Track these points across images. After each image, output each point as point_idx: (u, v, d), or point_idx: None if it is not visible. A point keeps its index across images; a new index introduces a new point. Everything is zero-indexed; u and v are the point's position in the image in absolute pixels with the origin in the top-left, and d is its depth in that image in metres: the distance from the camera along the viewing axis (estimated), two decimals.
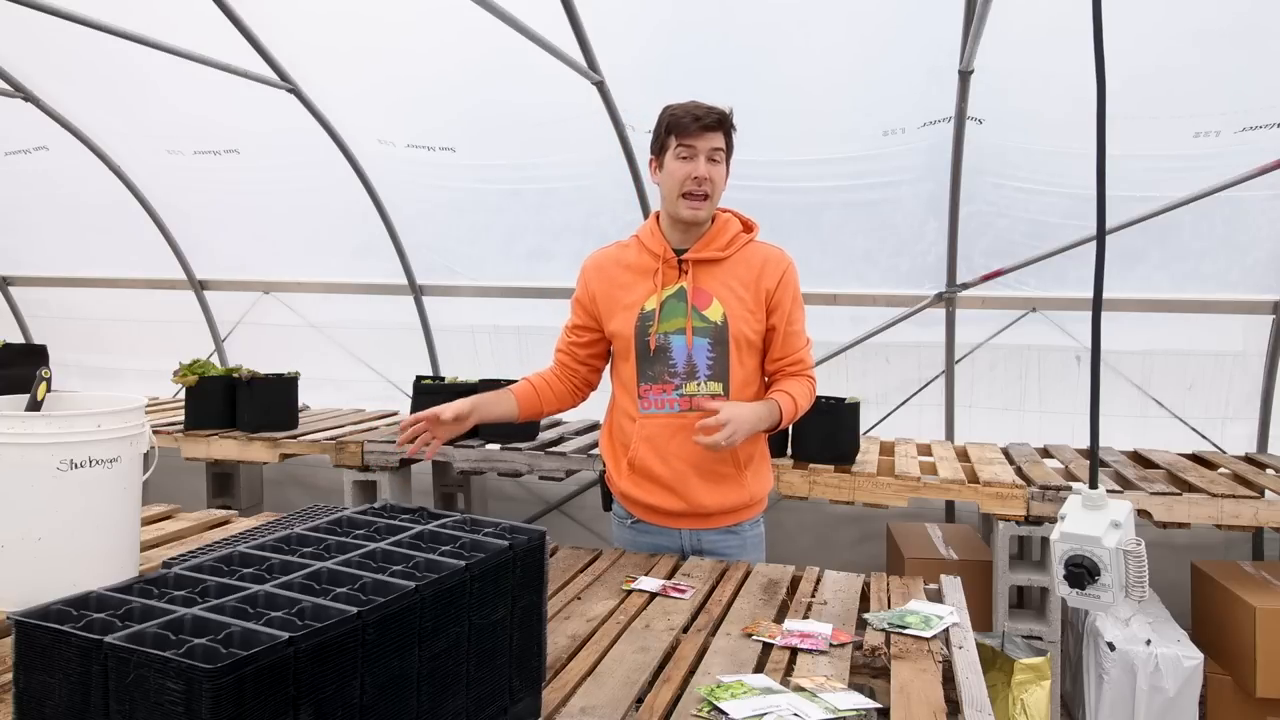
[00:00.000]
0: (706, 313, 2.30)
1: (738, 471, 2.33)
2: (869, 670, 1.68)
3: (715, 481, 2.32)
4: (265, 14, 4.04)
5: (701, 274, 2.31)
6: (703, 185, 2.25)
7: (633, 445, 2.34)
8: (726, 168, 2.31)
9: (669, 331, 2.29)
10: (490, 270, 5.09)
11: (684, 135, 2.24)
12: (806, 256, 4.56)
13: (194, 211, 5.36)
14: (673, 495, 2.33)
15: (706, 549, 2.36)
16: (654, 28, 3.91)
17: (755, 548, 2.42)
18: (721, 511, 2.35)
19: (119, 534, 1.76)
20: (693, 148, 2.24)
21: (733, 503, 2.35)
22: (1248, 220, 4.05)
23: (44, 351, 4.15)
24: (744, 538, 2.39)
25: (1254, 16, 3.41)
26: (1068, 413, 4.45)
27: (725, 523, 2.37)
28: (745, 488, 2.35)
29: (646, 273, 2.34)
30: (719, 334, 2.29)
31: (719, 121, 2.26)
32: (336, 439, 4.17)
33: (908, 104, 3.92)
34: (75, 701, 0.96)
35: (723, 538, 2.37)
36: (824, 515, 4.67)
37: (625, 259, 2.39)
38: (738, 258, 2.33)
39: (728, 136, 2.28)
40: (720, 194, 2.32)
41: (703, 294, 2.30)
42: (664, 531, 2.38)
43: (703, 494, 2.32)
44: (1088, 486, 1.61)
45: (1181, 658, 3.35)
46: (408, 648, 1.10)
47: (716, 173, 2.27)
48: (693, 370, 2.29)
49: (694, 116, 2.24)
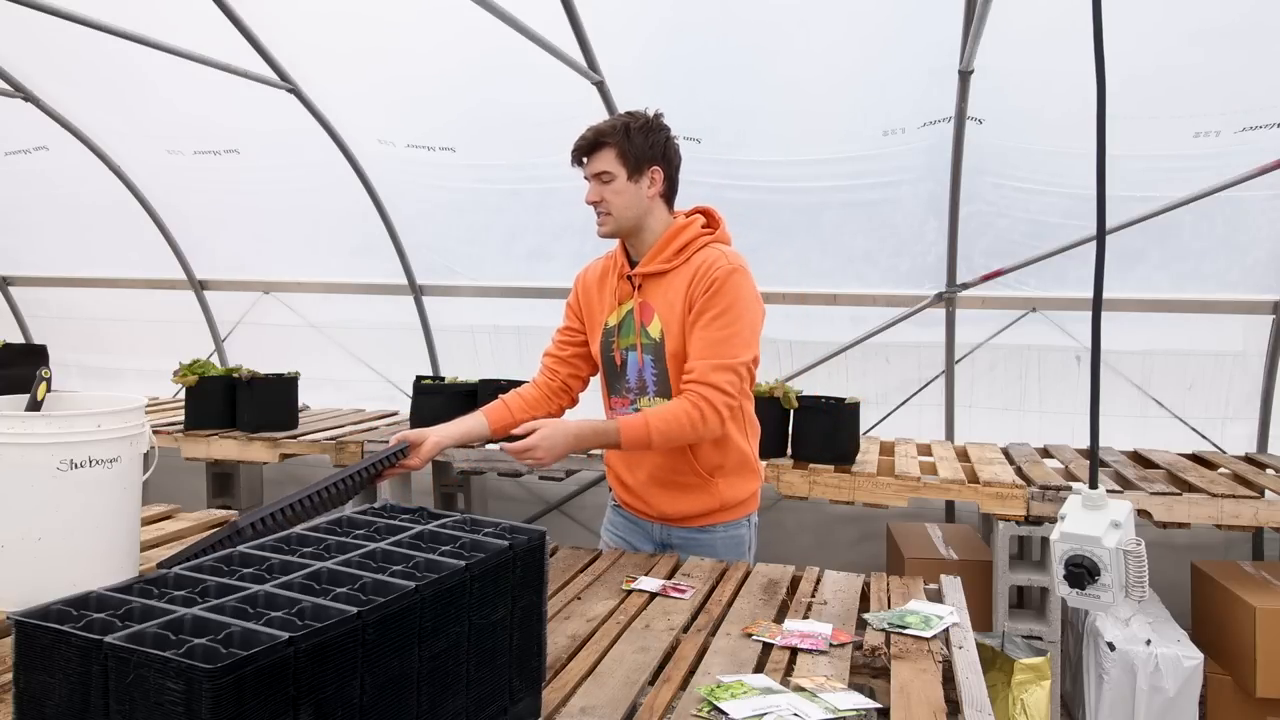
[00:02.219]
0: (650, 328, 2.30)
1: (703, 480, 2.33)
2: (869, 670, 1.68)
3: (679, 490, 2.35)
4: (265, 14, 4.04)
5: (649, 288, 2.32)
6: (596, 208, 2.29)
7: (608, 452, 2.45)
8: (637, 173, 2.26)
9: (626, 348, 2.34)
10: (490, 270, 5.09)
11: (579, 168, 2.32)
12: (807, 256, 4.62)
13: (194, 211, 5.36)
14: (641, 501, 2.41)
15: (675, 544, 2.39)
16: (654, 28, 3.91)
17: (729, 549, 2.39)
18: (689, 516, 2.37)
19: (119, 534, 1.76)
20: (586, 178, 2.30)
21: (699, 509, 2.36)
22: (1248, 220, 4.05)
23: (44, 351, 4.16)
24: (714, 538, 2.39)
25: (1254, 16, 3.41)
26: (1068, 413, 4.45)
27: (696, 524, 2.38)
28: (715, 495, 2.35)
29: (613, 289, 2.38)
30: (658, 350, 2.29)
31: (591, 145, 2.27)
32: (336, 439, 4.17)
33: (908, 104, 3.92)
34: (75, 701, 0.96)
35: (693, 534, 2.39)
36: (824, 515, 4.67)
37: (605, 272, 2.44)
38: (685, 268, 2.28)
39: (618, 148, 2.25)
40: (626, 205, 2.28)
41: (647, 309, 2.32)
42: (640, 521, 2.45)
43: (665, 502, 2.37)
44: (1088, 486, 1.61)
45: (1181, 658, 3.35)
46: (408, 648, 1.10)
47: (608, 192, 2.27)
48: (643, 386, 2.33)
49: (574, 147, 2.29)
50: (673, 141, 2.35)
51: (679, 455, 2.30)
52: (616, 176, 2.26)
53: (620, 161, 2.26)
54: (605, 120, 2.33)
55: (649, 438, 2.18)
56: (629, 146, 2.26)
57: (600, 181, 2.27)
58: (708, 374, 2.19)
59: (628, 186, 2.27)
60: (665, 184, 2.32)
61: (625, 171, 2.26)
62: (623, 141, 2.26)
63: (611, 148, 2.26)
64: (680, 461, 2.30)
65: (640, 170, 2.27)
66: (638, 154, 2.27)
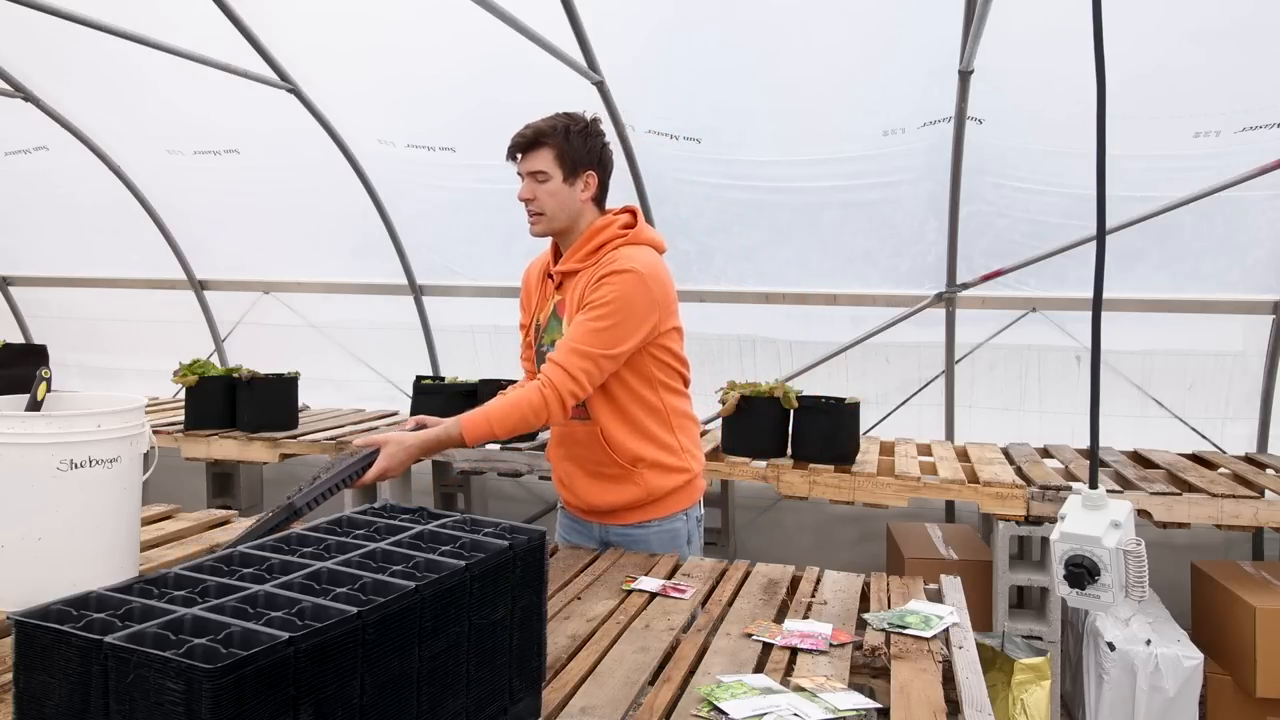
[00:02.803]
0: (566, 325, 2.31)
1: (625, 471, 2.33)
2: (869, 670, 1.68)
3: (605, 481, 2.35)
4: (265, 14, 4.04)
5: (568, 286, 2.35)
6: (528, 206, 2.30)
7: (549, 449, 2.49)
8: (572, 174, 2.27)
9: (550, 343, 2.36)
10: (490, 270, 5.08)
11: (513, 164, 2.32)
12: (806, 256, 4.62)
13: (194, 211, 5.36)
14: (571, 494, 2.44)
15: (614, 540, 2.41)
16: (654, 28, 3.91)
17: (663, 544, 2.38)
18: (618, 508, 2.38)
19: (119, 534, 1.76)
20: (520, 175, 2.31)
21: (628, 500, 2.36)
22: (1248, 220, 4.04)
23: (44, 351, 4.15)
24: (648, 534, 2.39)
25: (1254, 16, 3.41)
26: (1068, 413, 4.45)
27: (627, 520, 2.39)
28: (640, 485, 2.34)
29: (541, 285, 2.44)
30: None
31: (528, 143, 2.27)
32: (336, 439, 4.18)
33: (908, 104, 3.92)
34: (75, 701, 0.96)
35: (628, 531, 2.39)
36: (824, 515, 4.67)
37: (540, 271, 2.48)
38: (597, 267, 2.28)
39: (557, 149, 2.25)
40: (559, 207, 2.29)
41: (565, 306, 2.34)
42: (582, 522, 2.47)
43: (593, 494, 2.38)
44: (1088, 486, 1.61)
45: (1181, 658, 3.35)
46: (408, 648, 1.10)
47: (542, 191, 2.27)
48: None
49: (511, 142, 2.29)
50: (609, 148, 2.36)
51: (597, 445, 2.32)
52: (552, 177, 2.27)
53: (557, 163, 2.27)
54: (544, 119, 2.31)
55: (490, 428, 2.17)
56: (567, 149, 2.27)
57: (535, 180, 2.28)
58: (562, 356, 2.19)
59: (562, 188, 2.28)
60: (598, 189, 2.34)
61: (561, 173, 2.27)
62: (562, 143, 2.26)
63: (550, 148, 2.26)
64: (599, 452, 2.32)
65: (576, 173, 2.28)
66: (575, 157, 2.27)
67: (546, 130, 2.26)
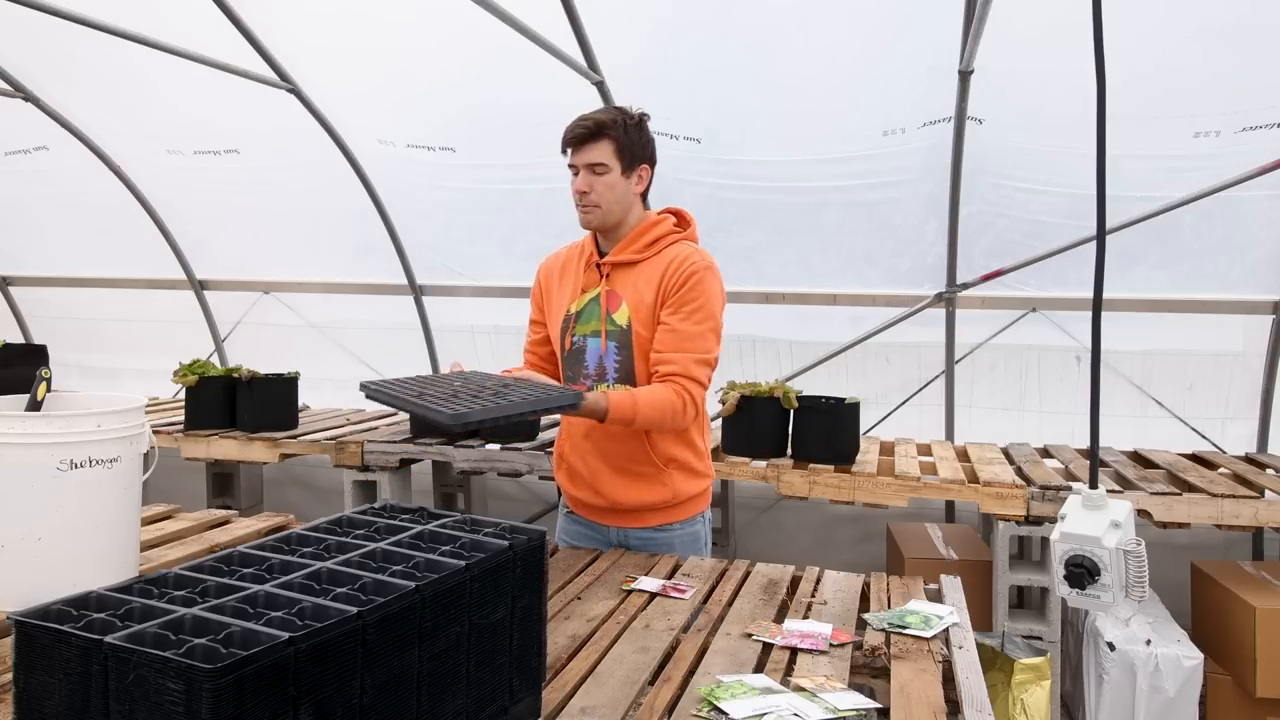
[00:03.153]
0: (615, 316, 2.31)
1: (657, 470, 2.33)
2: (869, 670, 1.68)
3: (632, 479, 2.33)
4: (265, 14, 4.04)
5: (618, 277, 2.33)
6: (584, 199, 2.28)
7: (560, 441, 2.44)
8: (630, 168, 2.28)
9: (585, 334, 2.34)
10: (490, 270, 5.09)
11: (566, 154, 2.29)
12: (806, 256, 4.62)
13: (194, 211, 5.36)
14: (592, 491, 2.38)
15: (633, 544, 2.38)
16: (654, 27, 3.91)
17: (686, 546, 2.39)
18: (642, 509, 2.36)
19: (119, 534, 1.76)
20: (575, 166, 2.28)
21: (652, 501, 2.35)
22: (1248, 220, 4.04)
23: (44, 351, 4.14)
24: (672, 536, 2.38)
25: (1254, 16, 3.41)
26: (1068, 413, 4.45)
27: (651, 522, 2.37)
28: (668, 486, 2.34)
29: (578, 275, 2.38)
30: (624, 338, 2.30)
31: (590, 134, 2.25)
32: (336, 439, 4.17)
33: (908, 104, 3.92)
34: (75, 701, 0.96)
35: (650, 534, 2.38)
36: (824, 515, 4.67)
37: (569, 260, 2.44)
38: (656, 260, 2.30)
39: (617, 141, 2.25)
40: (616, 200, 2.29)
41: (615, 297, 2.32)
42: (594, 525, 2.43)
43: (619, 491, 2.34)
44: (1088, 486, 1.61)
45: (1181, 658, 3.35)
46: (408, 648, 1.10)
47: (600, 184, 2.26)
48: (602, 372, 2.33)
49: (569, 133, 2.26)
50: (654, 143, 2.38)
51: (635, 442, 2.30)
52: (610, 170, 2.26)
53: (617, 156, 2.26)
54: (601, 110, 2.31)
55: (634, 416, 2.18)
56: (626, 142, 2.27)
57: (593, 173, 2.26)
58: (690, 367, 2.22)
59: (619, 181, 2.28)
60: (648, 184, 2.35)
61: (620, 166, 2.27)
62: (622, 136, 2.26)
63: (611, 140, 2.25)
64: (636, 449, 2.30)
65: (633, 167, 2.29)
66: (633, 150, 2.28)
67: (607, 122, 2.25)
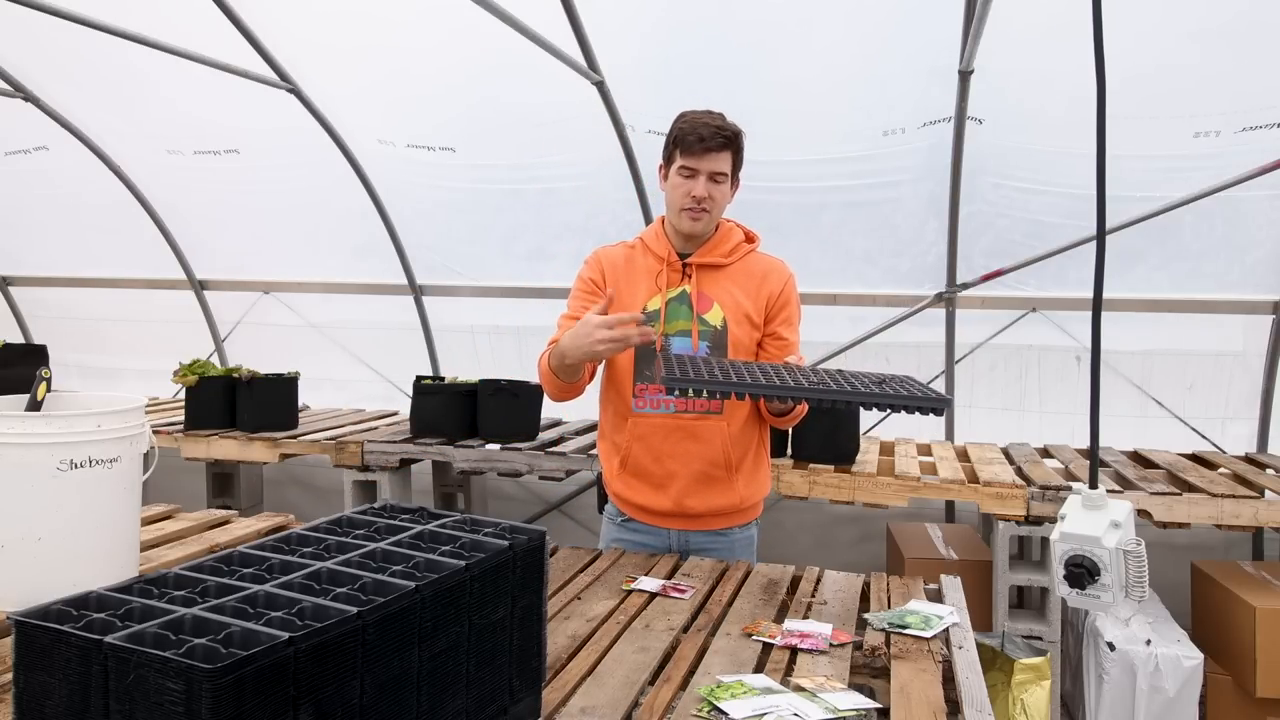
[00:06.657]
0: (707, 316, 2.33)
1: (728, 475, 2.34)
2: (869, 670, 1.68)
3: (704, 483, 2.33)
4: (265, 13, 4.04)
5: (704, 278, 2.35)
6: (701, 204, 2.28)
7: (625, 443, 2.37)
8: (734, 180, 2.35)
9: (672, 333, 2.33)
10: (490, 270, 5.09)
11: (688, 154, 2.26)
12: (806, 256, 4.60)
13: (194, 211, 5.36)
14: (662, 495, 2.35)
15: (694, 549, 2.38)
16: (653, 26, 3.91)
17: (743, 550, 2.42)
18: (709, 514, 2.36)
19: (119, 534, 1.76)
20: (695, 170, 2.27)
21: (720, 506, 2.35)
22: (1248, 220, 4.05)
23: (44, 351, 4.15)
24: (732, 540, 2.40)
25: (1253, 15, 3.41)
26: (1068, 413, 4.45)
27: (713, 525, 2.38)
28: (735, 491, 2.35)
29: (650, 274, 2.37)
30: (718, 338, 2.31)
31: (725, 143, 2.26)
32: (336, 439, 4.17)
33: (908, 104, 3.92)
34: (75, 701, 0.96)
35: (710, 539, 2.38)
36: (824, 515, 4.67)
37: (631, 258, 2.42)
38: (739, 266, 2.37)
39: (736, 155, 2.30)
40: (724, 207, 2.36)
41: (704, 298, 2.34)
42: (653, 530, 2.40)
43: (691, 495, 2.34)
44: (1088, 486, 1.61)
45: (1181, 658, 3.35)
46: (408, 648, 1.10)
47: (717, 192, 2.29)
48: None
49: (699, 137, 2.24)
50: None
51: (717, 444, 2.31)
52: (727, 180, 2.32)
53: (733, 168, 2.32)
54: (726, 120, 2.31)
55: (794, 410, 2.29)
56: (739, 157, 2.33)
57: (714, 181, 2.28)
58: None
59: (728, 192, 2.35)
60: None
61: (731, 178, 2.33)
62: (740, 150, 2.32)
63: (734, 153, 2.31)
64: (717, 451, 2.31)
65: (736, 181, 2.36)
66: (739, 165, 2.35)
67: (730, 135, 2.27)
